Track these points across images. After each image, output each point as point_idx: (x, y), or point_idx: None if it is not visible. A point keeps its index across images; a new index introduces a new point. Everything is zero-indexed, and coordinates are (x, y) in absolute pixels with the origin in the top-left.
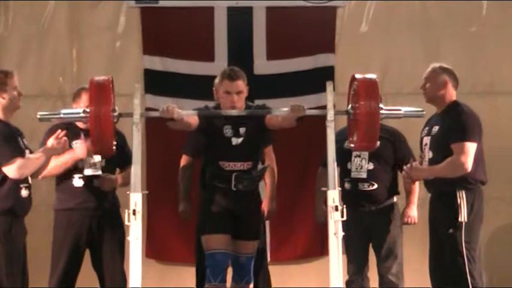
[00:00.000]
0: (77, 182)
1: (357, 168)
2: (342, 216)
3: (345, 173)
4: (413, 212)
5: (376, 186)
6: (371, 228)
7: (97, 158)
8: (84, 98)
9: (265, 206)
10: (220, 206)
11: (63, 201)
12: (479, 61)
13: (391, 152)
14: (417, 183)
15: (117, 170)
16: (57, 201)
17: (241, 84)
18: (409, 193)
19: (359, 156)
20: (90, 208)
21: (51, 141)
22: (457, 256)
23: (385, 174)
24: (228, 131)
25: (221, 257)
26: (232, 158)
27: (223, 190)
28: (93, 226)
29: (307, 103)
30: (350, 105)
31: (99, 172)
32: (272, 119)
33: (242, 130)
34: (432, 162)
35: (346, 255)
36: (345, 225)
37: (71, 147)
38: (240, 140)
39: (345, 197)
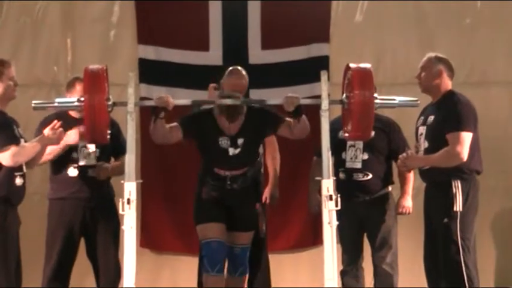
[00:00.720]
0: (72, 171)
1: (351, 158)
2: (336, 206)
3: (339, 163)
4: (408, 202)
5: (370, 176)
6: (365, 219)
7: (91, 148)
8: (78, 88)
9: (266, 193)
10: (213, 197)
11: (56, 191)
12: (473, 51)
13: (386, 142)
14: (412, 173)
15: (112, 159)
16: (51, 190)
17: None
18: (403, 183)
19: (353, 146)
20: (83, 198)
21: (47, 131)
22: (452, 246)
23: (379, 165)
24: (223, 142)
25: (217, 246)
26: (228, 167)
27: (217, 186)
28: (87, 215)
29: (301, 93)
30: (344, 95)
31: (94, 162)
32: (285, 130)
33: (240, 141)
34: (428, 152)
35: (341, 246)
36: (339, 215)
37: None
38: (238, 150)
39: (339, 187)
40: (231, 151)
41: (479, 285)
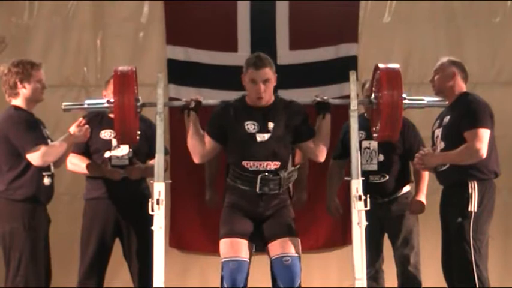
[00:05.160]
0: None
1: (367, 161)
2: (366, 206)
3: None
4: (422, 200)
5: (387, 177)
6: (385, 220)
7: (124, 148)
8: None
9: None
10: (243, 211)
11: (90, 191)
12: (503, 50)
13: (400, 141)
14: (427, 172)
15: (148, 161)
16: (86, 191)
17: (269, 72)
18: (418, 181)
19: (368, 148)
20: (116, 198)
21: (72, 129)
22: (464, 245)
23: (395, 165)
24: (250, 126)
25: (236, 266)
26: (257, 157)
27: (246, 193)
28: (120, 216)
29: (330, 93)
30: (373, 95)
31: (126, 162)
32: (309, 147)
33: (270, 125)
34: (444, 151)
35: None
36: None
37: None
38: (267, 136)
39: None
40: (259, 137)
41: (489, 285)
